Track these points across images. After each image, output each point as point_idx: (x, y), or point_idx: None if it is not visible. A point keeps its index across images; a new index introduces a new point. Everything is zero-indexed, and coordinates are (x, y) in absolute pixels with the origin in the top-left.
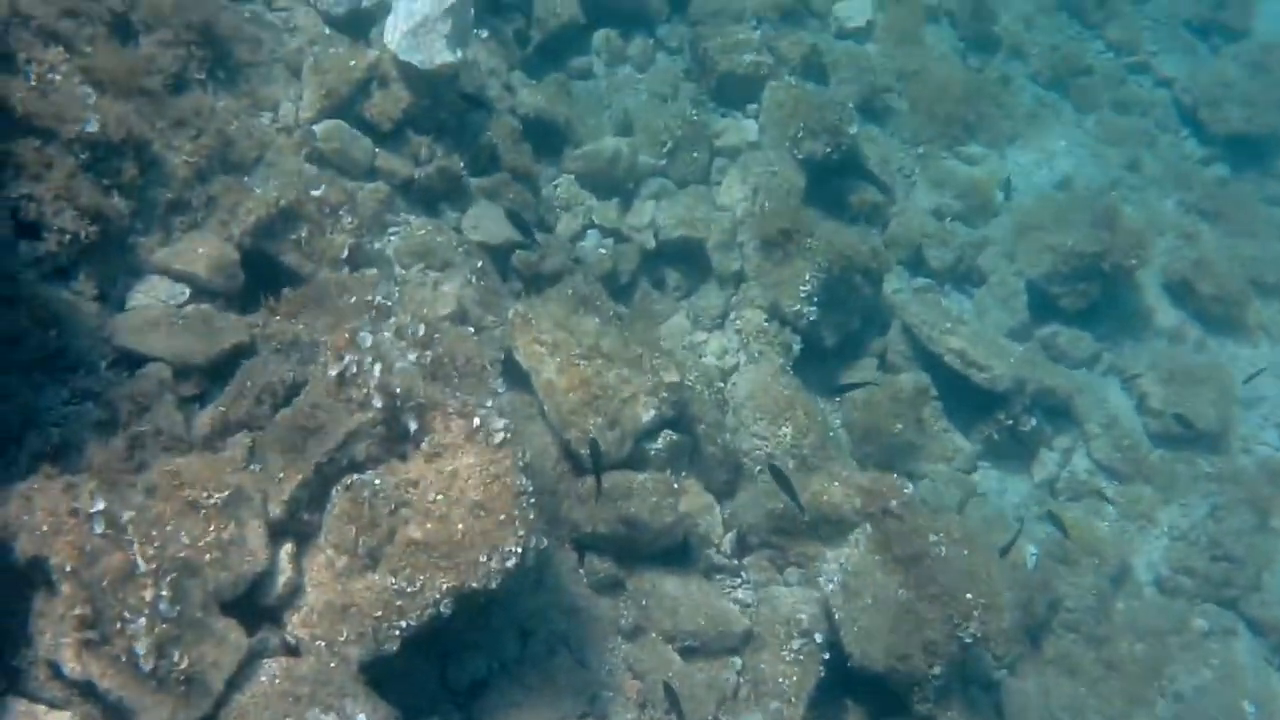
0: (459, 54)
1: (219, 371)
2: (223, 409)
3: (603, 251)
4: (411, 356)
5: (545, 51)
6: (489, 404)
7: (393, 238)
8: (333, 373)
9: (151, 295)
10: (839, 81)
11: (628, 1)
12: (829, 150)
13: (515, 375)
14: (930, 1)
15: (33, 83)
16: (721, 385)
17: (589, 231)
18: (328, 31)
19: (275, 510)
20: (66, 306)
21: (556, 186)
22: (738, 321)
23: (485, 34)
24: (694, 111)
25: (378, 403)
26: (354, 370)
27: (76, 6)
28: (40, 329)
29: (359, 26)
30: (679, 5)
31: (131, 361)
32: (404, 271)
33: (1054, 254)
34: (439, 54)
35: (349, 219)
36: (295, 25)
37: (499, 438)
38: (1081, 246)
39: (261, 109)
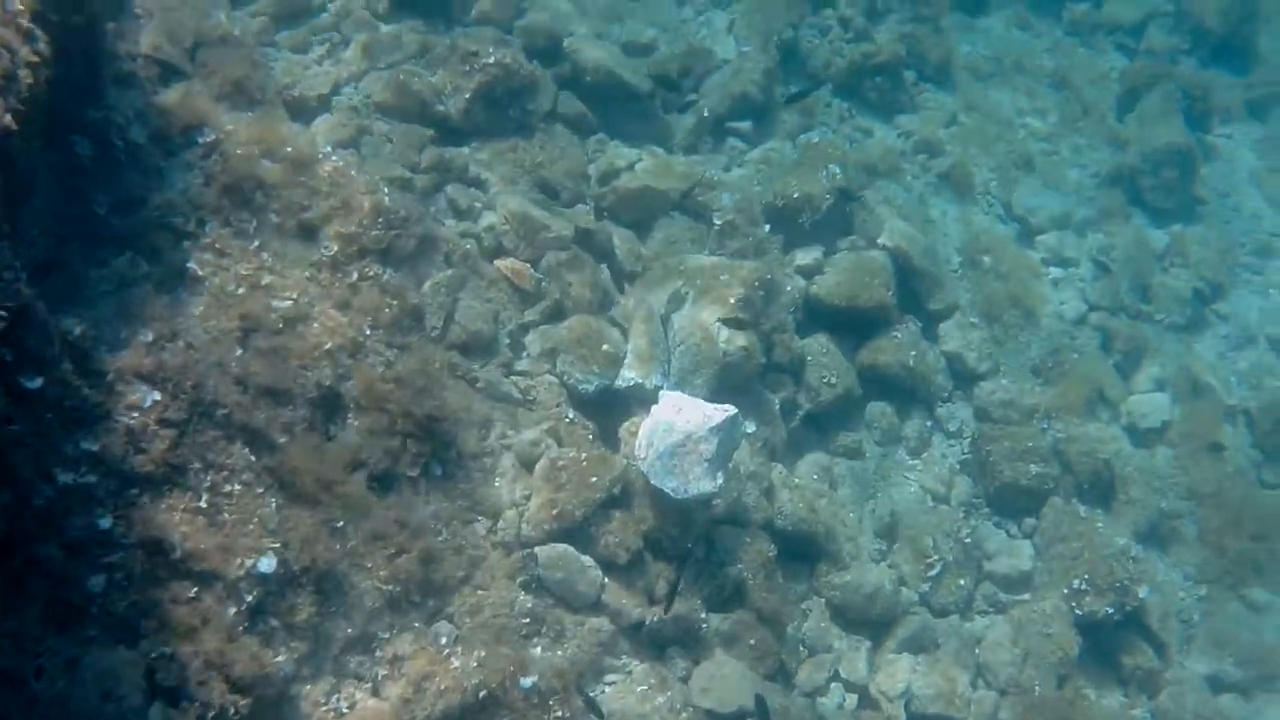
0: (719, 479)
1: None
2: None
3: None
4: None
5: (813, 422)
6: None
7: (607, 689)
8: None
9: None
10: (1125, 501)
11: (910, 377)
12: (1111, 612)
13: None
14: (1229, 400)
15: (203, 502)
16: None
17: (832, 685)
18: (570, 417)
19: None
20: None
21: (806, 614)
22: None
23: (752, 427)
24: (968, 530)
25: None
26: None
27: (278, 383)
28: None
29: (609, 410)
30: (962, 382)
31: None
32: None
33: None
34: (697, 482)
35: (560, 712)
36: (535, 398)
37: None
38: None
39: (479, 513)
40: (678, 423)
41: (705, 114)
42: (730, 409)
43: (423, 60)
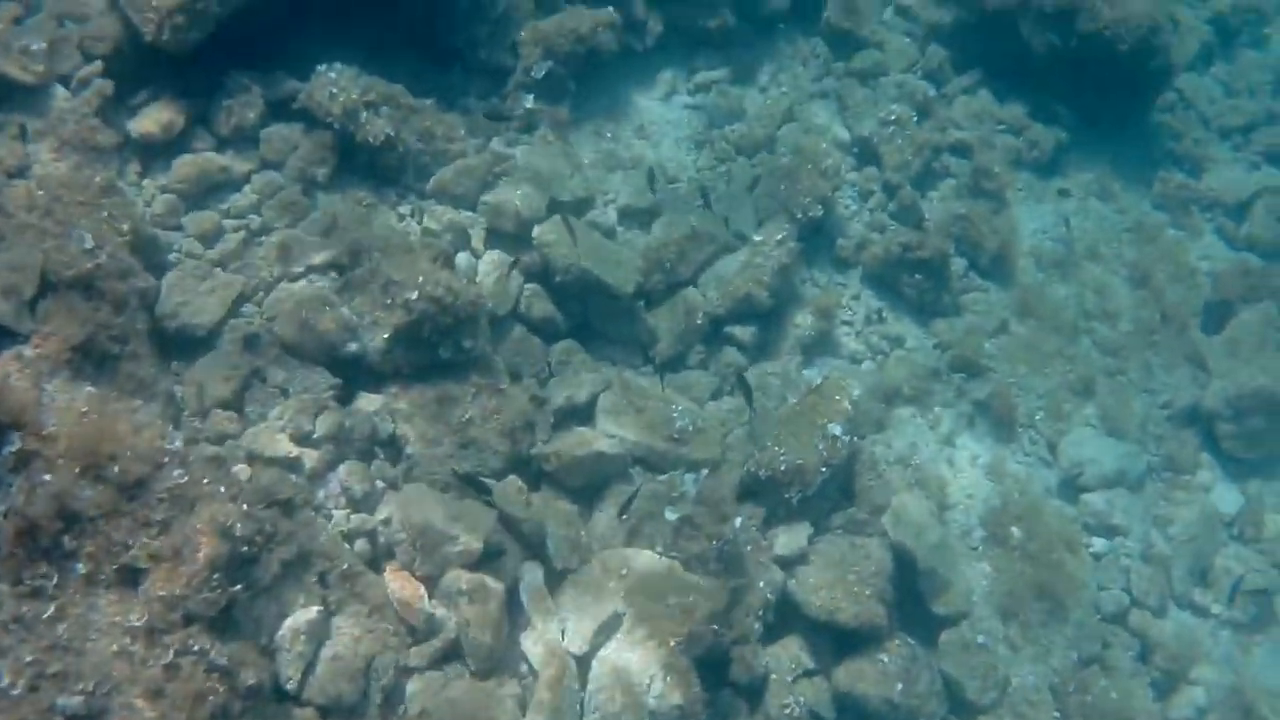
0: None
1: None
2: None
3: None
4: None
5: None
6: None
7: None
8: None
9: None
10: None
11: (894, 714)
12: None
13: None
14: None
15: None
16: None
17: None
18: None
19: None
20: None
21: None
22: None
23: None
24: None
25: None
26: None
27: None
28: None
29: None
30: (959, 708)
31: None
32: None
33: None
34: None
35: None
36: None
37: None
38: None
39: None
40: None
41: (699, 319)
42: None
43: (343, 278)
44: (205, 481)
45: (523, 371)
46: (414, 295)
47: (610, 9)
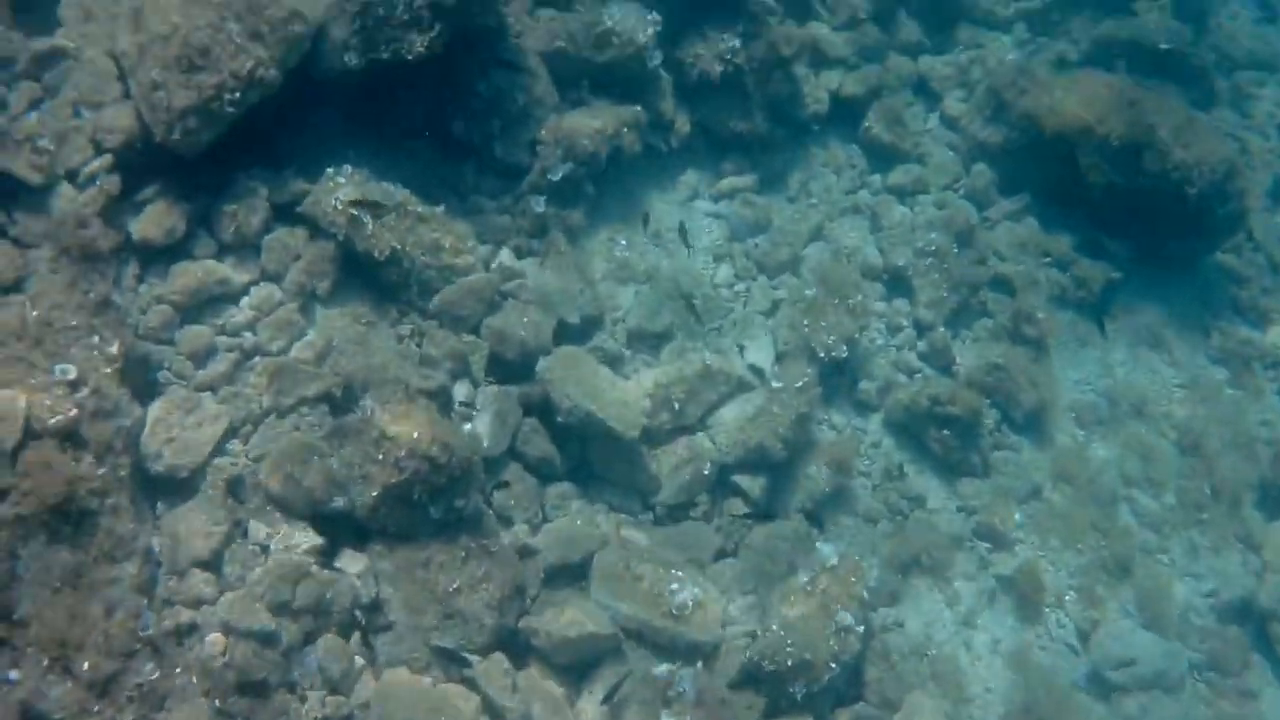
0: None
1: None
2: None
3: None
4: None
5: None
6: None
7: None
8: None
9: None
10: None
11: None
12: None
13: None
14: None
15: None
16: None
17: None
18: None
19: None
20: None
21: None
22: None
23: None
24: None
25: None
26: None
27: None
28: None
29: None
30: None
31: None
32: None
33: None
34: None
35: None
36: None
37: None
38: None
39: None
40: None
41: (706, 468)
42: None
43: (334, 423)
44: (178, 672)
45: (515, 516)
46: (406, 454)
47: (638, 107)
